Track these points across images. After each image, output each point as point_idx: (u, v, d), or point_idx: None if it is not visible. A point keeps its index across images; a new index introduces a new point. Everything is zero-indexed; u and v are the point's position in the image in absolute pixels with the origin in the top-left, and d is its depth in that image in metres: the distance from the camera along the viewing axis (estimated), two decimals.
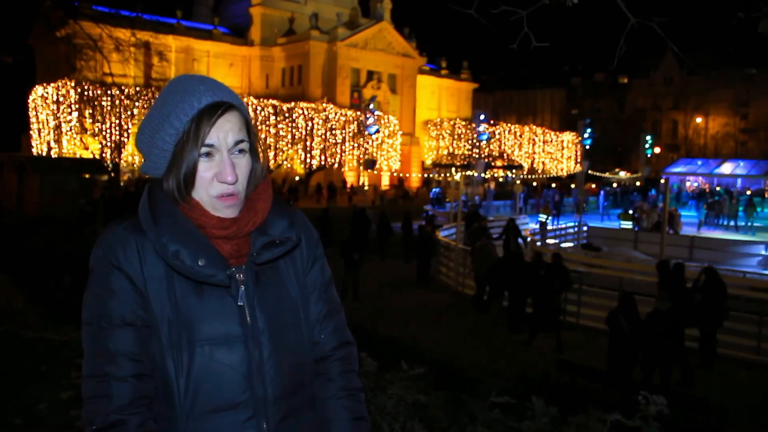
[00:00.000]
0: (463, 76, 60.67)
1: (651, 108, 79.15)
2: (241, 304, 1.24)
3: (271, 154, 38.70)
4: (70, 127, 33.45)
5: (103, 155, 33.55)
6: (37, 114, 35.88)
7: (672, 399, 2.78)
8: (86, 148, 33.74)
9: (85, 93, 33.10)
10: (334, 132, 41.80)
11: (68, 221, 16.31)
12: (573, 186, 38.81)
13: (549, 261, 11.31)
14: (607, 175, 60.02)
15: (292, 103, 40.48)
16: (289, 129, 39.80)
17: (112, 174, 32.60)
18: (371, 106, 43.57)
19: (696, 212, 29.89)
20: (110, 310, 1.18)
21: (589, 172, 47.38)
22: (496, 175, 51.83)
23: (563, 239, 22.83)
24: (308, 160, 41.07)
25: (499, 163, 53.74)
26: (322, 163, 41.66)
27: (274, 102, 39.78)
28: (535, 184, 48.64)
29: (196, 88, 1.20)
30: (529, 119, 77.16)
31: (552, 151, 60.29)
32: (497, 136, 55.14)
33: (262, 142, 1.33)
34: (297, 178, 42.42)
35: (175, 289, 1.20)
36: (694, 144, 76.60)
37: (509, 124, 58.91)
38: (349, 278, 12.75)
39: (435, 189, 35.50)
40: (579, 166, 55.29)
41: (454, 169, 45.47)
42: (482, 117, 48.79)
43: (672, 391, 6.84)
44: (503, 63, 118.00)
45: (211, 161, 1.21)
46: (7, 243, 10.30)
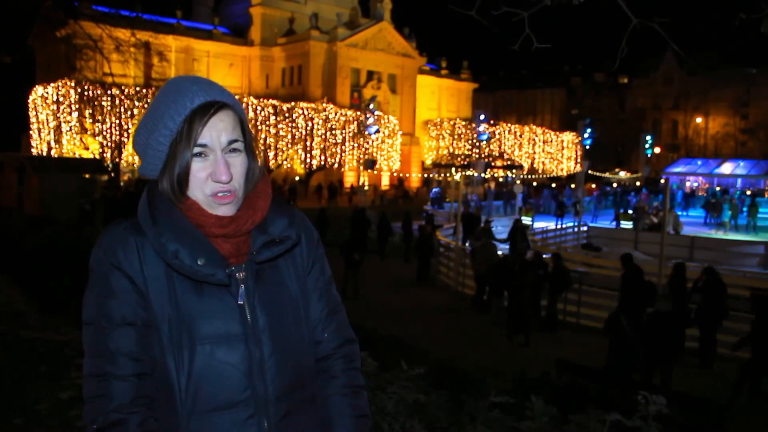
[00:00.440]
0: (463, 76, 60.65)
1: (651, 108, 79.16)
2: (241, 302, 1.24)
3: (271, 154, 38.66)
4: (70, 127, 33.43)
5: (103, 155, 33.54)
6: (37, 114, 35.86)
7: (672, 399, 2.78)
8: (86, 148, 33.73)
9: (85, 93, 33.08)
10: (334, 132, 41.79)
11: (68, 221, 16.30)
12: (573, 186, 38.78)
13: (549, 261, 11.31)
14: (607, 175, 60.02)
15: (292, 103, 40.46)
16: (289, 129, 39.78)
17: (112, 174, 32.59)
18: (371, 106, 43.56)
19: (683, 211, 30.04)
20: (110, 309, 1.18)
21: (589, 172, 47.37)
22: (496, 175, 51.82)
23: (562, 239, 22.83)
24: (308, 160, 41.06)
25: (499, 163, 53.71)
26: (322, 163, 41.65)
27: (274, 102, 39.75)
28: (535, 184, 48.68)
29: (188, 88, 1.21)
30: (529, 119, 77.18)
31: (552, 151, 60.27)
32: (497, 136, 55.12)
33: (261, 141, 1.34)
34: (297, 178, 42.41)
35: (176, 289, 1.20)
36: (694, 144, 76.61)
37: (509, 124, 58.88)
38: (349, 278, 12.76)
39: (435, 189, 35.48)
40: (579, 166, 55.27)
41: (454, 169, 45.44)
42: (482, 117, 48.78)
43: (672, 391, 6.85)
44: (503, 63, 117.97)
45: (206, 161, 1.22)
46: (7, 243, 10.29)
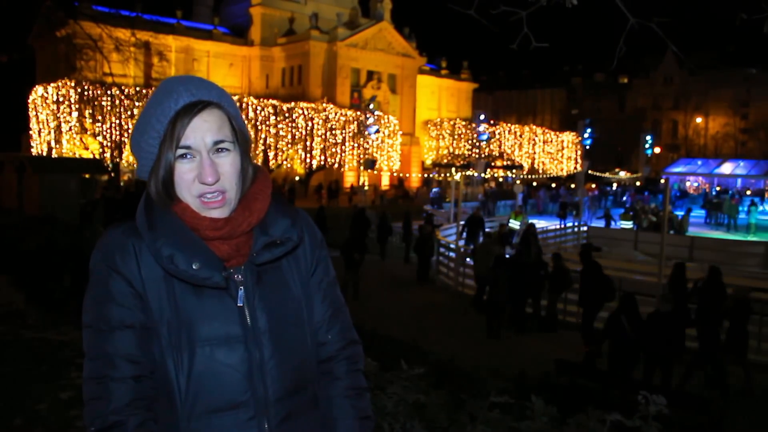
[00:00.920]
0: (463, 76, 60.63)
1: (651, 108, 79.16)
2: (240, 304, 1.23)
3: (271, 154, 38.66)
4: (70, 127, 33.43)
5: (103, 155, 33.54)
6: (37, 114, 35.86)
7: (672, 399, 2.78)
8: (86, 148, 33.74)
9: (85, 93, 33.08)
10: (334, 132, 41.78)
11: (68, 221, 16.31)
12: (573, 186, 38.77)
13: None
14: (607, 175, 60.00)
15: (292, 103, 40.45)
16: (289, 129, 39.78)
17: (112, 174, 32.60)
18: (371, 106, 43.55)
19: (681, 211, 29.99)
20: (109, 313, 1.18)
21: (589, 172, 47.37)
22: (496, 175, 51.81)
23: (562, 239, 22.82)
24: (308, 160, 41.06)
25: (499, 163, 53.71)
26: (322, 163, 41.65)
27: (274, 102, 39.75)
28: (535, 184, 48.68)
29: (175, 89, 1.20)
30: (529, 119, 77.16)
31: (552, 151, 60.26)
32: (497, 136, 55.11)
33: (261, 141, 1.33)
34: (297, 178, 42.41)
35: (175, 291, 1.20)
36: (694, 144, 76.62)
37: (509, 124, 58.84)
38: (349, 278, 12.76)
39: (435, 189, 35.47)
40: (579, 166, 55.27)
41: (454, 169, 45.44)
42: (482, 117, 48.79)
43: (672, 391, 6.85)
44: (503, 63, 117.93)
45: (192, 162, 1.20)
46: (7, 243, 10.29)
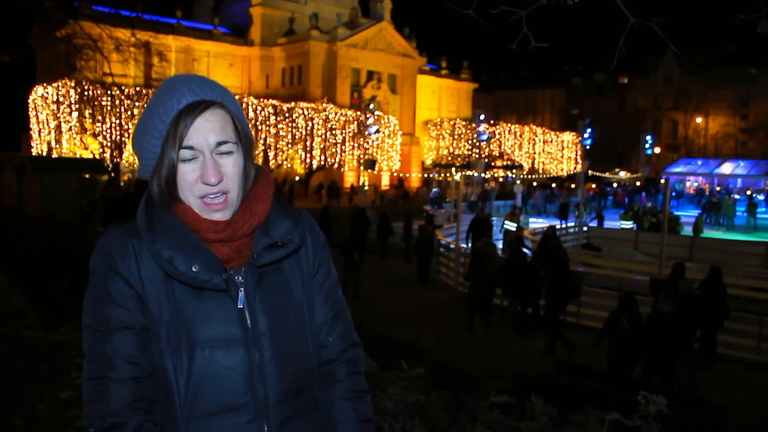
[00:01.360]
0: (463, 76, 60.64)
1: (651, 108, 79.15)
2: (240, 306, 1.22)
3: (271, 154, 38.67)
4: (70, 127, 33.45)
5: (103, 155, 33.56)
6: (37, 114, 35.88)
7: (672, 399, 2.78)
8: (86, 148, 33.75)
9: (85, 93, 33.10)
10: (334, 132, 41.79)
11: (68, 221, 16.30)
12: (572, 186, 38.75)
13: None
14: (607, 175, 59.99)
15: (292, 103, 40.47)
16: (289, 129, 39.79)
17: (112, 174, 32.59)
18: (371, 106, 43.55)
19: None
20: (108, 313, 1.18)
21: (589, 172, 47.35)
22: (496, 175, 51.82)
23: (563, 239, 22.79)
24: (308, 160, 41.07)
25: (499, 163, 53.72)
26: (322, 163, 41.66)
27: (274, 102, 39.77)
28: (536, 184, 48.67)
29: (177, 88, 1.19)
30: (529, 119, 77.14)
31: (552, 151, 60.27)
32: (497, 136, 55.13)
33: (261, 141, 1.32)
34: (297, 178, 42.41)
35: (175, 292, 1.19)
36: (694, 144, 76.61)
37: (509, 124, 58.86)
38: (349, 278, 12.75)
39: (434, 189, 35.48)
40: (579, 166, 55.27)
41: (454, 169, 45.45)
42: (482, 117, 48.76)
43: (672, 391, 6.85)
44: (503, 63, 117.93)
45: (195, 163, 1.19)
46: (7, 243, 10.29)
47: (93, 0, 27.48)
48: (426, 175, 51.03)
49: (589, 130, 54.29)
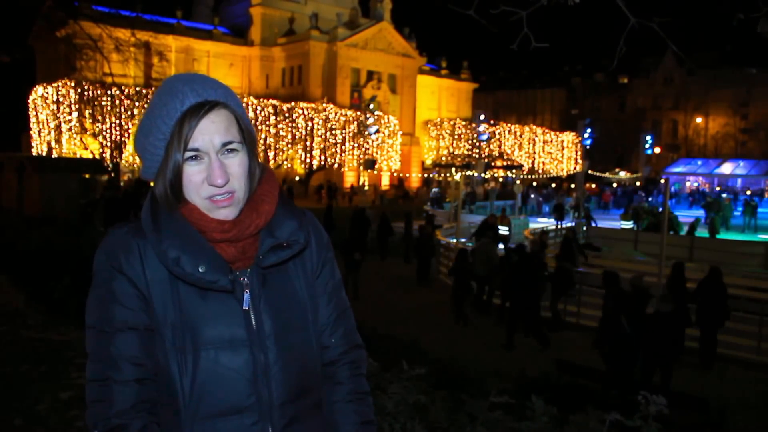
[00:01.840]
0: (463, 76, 60.64)
1: (651, 108, 79.14)
2: (246, 308, 1.22)
3: (271, 154, 38.66)
4: (70, 127, 33.45)
5: (103, 155, 33.56)
6: (37, 114, 35.88)
7: (672, 399, 2.78)
8: (86, 148, 33.75)
9: (85, 93, 33.10)
10: (334, 132, 41.79)
11: (68, 221, 16.31)
12: (572, 186, 38.76)
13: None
14: (607, 175, 60.01)
15: (292, 103, 40.46)
16: (289, 129, 39.79)
17: (112, 174, 32.59)
18: (371, 106, 43.55)
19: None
20: (112, 314, 1.17)
21: (589, 172, 47.36)
22: (496, 175, 51.82)
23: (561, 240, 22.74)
24: (308, 160, 41.07)
25: (499, 163, 53.72)
26: (322, 163, 41.66)
27: (274, 102, 39.76)
28: (535, 184, 48.68)
29: (180, 89, 1.18)
30: (529, 119, 77.12)
31: (552, 151, 60.27)
32: (497, 136, 55.12)
33: (261, 141, 1.31)
34: (297, 178, 42.41)
35: (180, 293, 1.19)
36: (694, 144, 76.59)
37: (509, 124, 58.84)
38: (349, 278, 12.75)
39: (434, 189, 35.48)
40: (579, 166, 55.28)
41: (454, 169, 45.45)
42: (482, 117, 48.80)
43: (672, 391, 6.85)
44: (503, 63, 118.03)
45: (200, 164, 1.18)
46: (7, 243, 10.29)
47: (93, 0, 27.49)
48: (426, 175, 51.03)
49: (589, 130, 54.32)
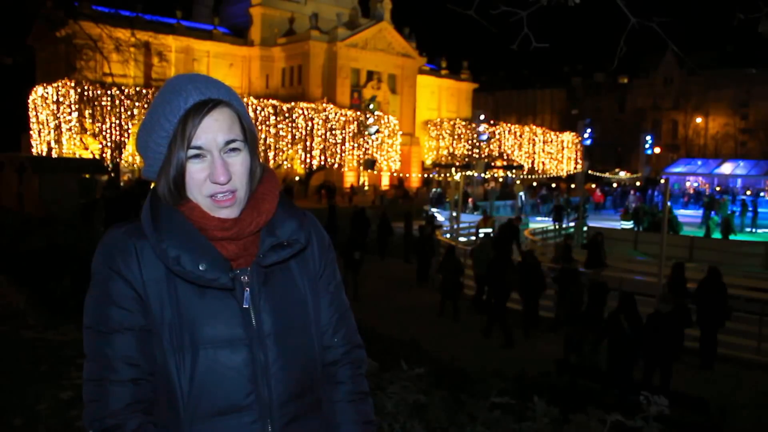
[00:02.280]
0: (463, 76, 60.63)
1: (651, 108, 79.13)
2: (246, 306, 1.22)
3: (271, 154, 38.66)
4: (70, 127, 33.44)
5: (103, 155, 33.56)
6: (37, 114, 35.87)
7: (672, 399, 2.78)
8: (86, 148, 33.75)
9: (85, 93, 33.08)
10: (334, 132, 41.78)
11: (68, 221, 16.30)
12: (572, 187, 38.74)
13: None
14: (607, 175, 59.99)
15: (292, 103, 40.45)
16: (289, 129, 39.77)
17: (112, 174, 32.60)
18: (371, 106, 43.53)
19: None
20: (108, 314, 1.18)
21: (589, 172, 47.35)
22: (496, 175, 51.81)
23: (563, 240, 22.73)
24: (308, 160, 41.06)
25: (499, 163, 53.71)
26: (322, 163, 41.65)
27: (274, 102, 39.74)
28: (535, 184, 48.67)
29: (183, 87, 1.19)
30: (529, 119, 77.12)
31: (552, 151, 60.24)
32: (497, 136, 55.10)
33: (261, 141, 1.31)
34: (297, 178, 42.40)
35: (177, 292, 1.19)
36: (694, 144, 76.60)
37: (509, 124, 58.82)
38: (349, 278, 12.75)
39: (434, 189, 35.47)
40: (579, 166, 55.26)
41: (454, 169, 45.45)
42: (482, 117, 48.78)
43: (672, 391, 6.85)
44: (503, 63, 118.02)
45: (203, 162, 1.19)
46: (7, 243, 10.29)
47: (93, 0, 27.51)
48: (426, 175, 51.02)
49: (589, 130, 54.20)
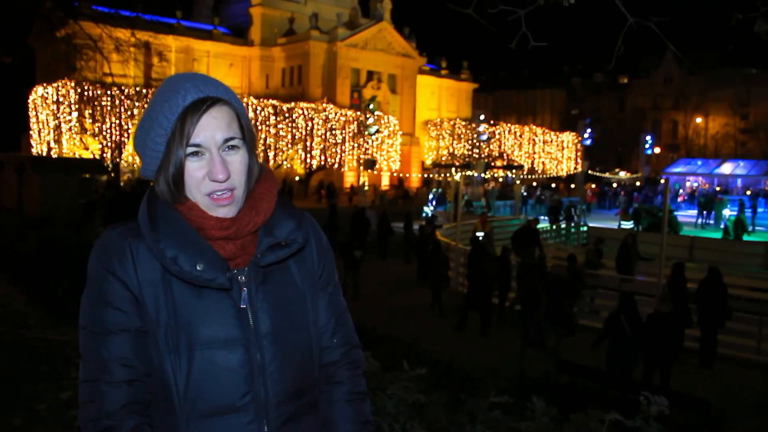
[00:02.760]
0: (463, 76, 60.61)
1: (651, 108, 79.12)
2: (243, 306, 1.22)
3: (271, 154, 38.65)
4: (70, 127, 33.43)
5: (103, 155, 33.55)
6: (37, 114, 35.85)
7: (672, 399, 2.78)
8: (86, 148, 33.74)
9: (85, 93, 33.06)
10: (334, 132, 41.77)
11: (68, 221, 16.30)
12: (568, 188, 38.72)
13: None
14: (607, 175, 59.98)
15: (292, 103, 40.44)
16: (289, 129, 39.76)
17: (112, 174, 32.58)
18: (371, 106, 43.53)
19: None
20: (103, 316, 1.17)
21: (589, 172, 47.36)
22: (496, 175, 51.79)
23: (563, 240, 22.81)
24: (308, 160, 41.06)
25: (499, 163, 53.69)
26: (322, 163, 41.65)
27: (274, 102, 39.73)
28: (535, 184, 48.66)
29: (182, 86, 1.18)
30: (529, 119, 77.10)
31: (552, 151, 60.22)
32: (497, 136, 55.09)
33: (261, 141, 1.31)
34: (297, 178, 42.39)
35: (173, 292, 1.18)
36: (694, 144, 76.59)
37: (509, 124, 58.79)
38: (348, 278, 12.74)
39: (435, 189, 35.46)
40: (579, 166, 55.24)
41: (454, 169, 45.44)
42: (482, 117, 48.77)
43: (672, 391, 6.85)
44: (503, 63, 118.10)
45: (201, 160, 1.19)
46: (7, 243, 10.29)
47: (93, 0, 27.51)
48: (426, 175, 51.00)
49: (589, 130, 54.27)
